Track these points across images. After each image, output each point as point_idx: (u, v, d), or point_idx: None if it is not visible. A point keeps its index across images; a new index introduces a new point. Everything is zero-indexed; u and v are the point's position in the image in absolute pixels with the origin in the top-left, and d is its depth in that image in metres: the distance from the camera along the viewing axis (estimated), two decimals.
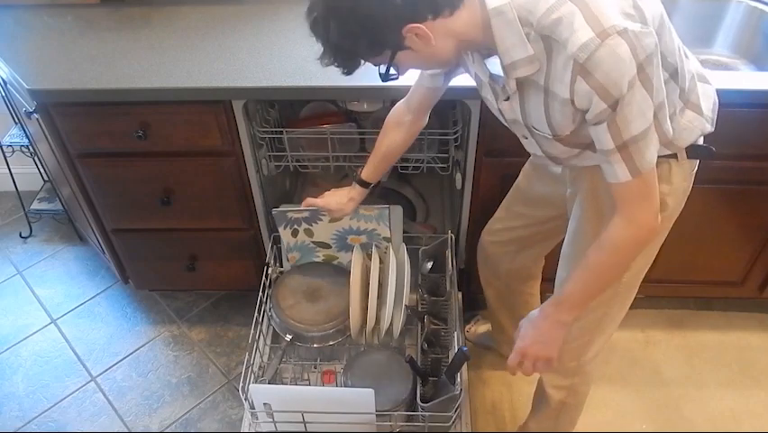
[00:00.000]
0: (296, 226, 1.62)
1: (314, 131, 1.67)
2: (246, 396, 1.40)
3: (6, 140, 2.14)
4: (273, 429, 1.46)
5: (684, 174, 1.11)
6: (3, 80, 1.65)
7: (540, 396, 1.50)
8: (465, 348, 1.40)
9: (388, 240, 1.63)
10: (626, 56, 0.85)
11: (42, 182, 2.37)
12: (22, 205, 2.32)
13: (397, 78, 1.00)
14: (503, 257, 1.56)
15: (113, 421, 1.80)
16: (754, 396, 1.81)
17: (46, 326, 2.07)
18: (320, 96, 1.55)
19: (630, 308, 1.27)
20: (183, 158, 1.60)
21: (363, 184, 1.46)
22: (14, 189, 2.28)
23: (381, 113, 1.66)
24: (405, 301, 1.59)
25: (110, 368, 1.94)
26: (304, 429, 1.45)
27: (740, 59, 1.74)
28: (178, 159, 1.60)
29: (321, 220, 1.59)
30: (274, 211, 1.60)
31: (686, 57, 1.04)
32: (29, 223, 2.39)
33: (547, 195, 1.35)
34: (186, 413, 1.81)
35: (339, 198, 1.48)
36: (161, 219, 1.74)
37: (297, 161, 1.75)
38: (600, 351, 1.34)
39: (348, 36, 0.92)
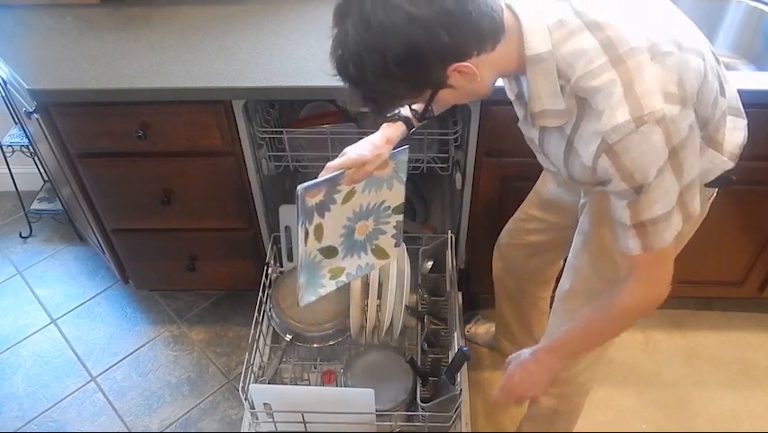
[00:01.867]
0: (307, 225, 1.35)
1: (314, 131, 1.67)
2: (246, 396, 1.40)
3: (6, 140, 2.14)
4: (273, 429, 1.46)
5: (702, 201, 1.03)
6: (3, 80, 1.65)
7: (533, 401, 1.49)
8: (465, 348, 1.40)
9: (399, 211, 1.44)
10: (658, 145, 0.81)
11: (42, 182, 2.37)
12: (22, 205, 2.32)
13: (432, 117, 0.95)
14: (517, 259, 1.55)
15: (113, 421, 1.80)
16: (754, 396, 1.81)
17: (46, 326, 2.07)
18: (320, 96, 1.55)
19: None
20: (183, 158, 1.60)
21: (409, 123, 1.17)
22: (14, 189, 2.28)
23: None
24: (405, 301, 1.59)
25: (110, 368, 1.94)
26: (304, 429, 1.46)
27: (740, 59, 1.74)
28: (178, 159, 1.60)
29: (335, 203, 1.31)
30: (284, 206, 1.53)
31: (722, 95, 0.96)
32: (29, 223, 2.39)
33: (562, 201, 1.32)
34: (186, 413, 1.81)
35: (367, 146, 1.16)
36: (161, 219, 1.74)
37: (297, 160, 1.75)
38: (594, 363, 1.31)
39: (385, 77, 0.83)
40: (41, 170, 2.30)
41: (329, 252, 1.48)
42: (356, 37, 0.80)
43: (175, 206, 1.69)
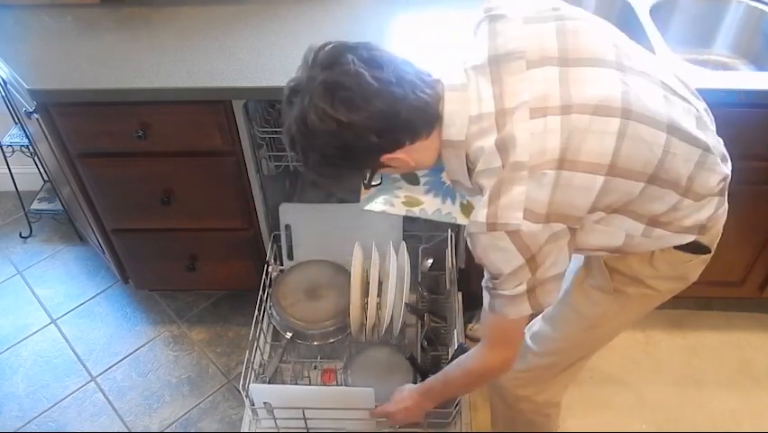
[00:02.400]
0: None
1: None
2: (247, 394, 1.40)
3: (6, 140, 2.14)
4: (274, 427, 1.46)
5: (673, 264, 1.05)
6: (3, 80, 1.65)
7: (490, 405, 1.52)
8: (465, 344, 1.40)
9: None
10: (508, 251, 0.88)
11: (42, 182, 2.37)
12: (22, 205, 2.32)
13: (380, 184, 1.08)
14: None
15: (113, 421, 1.80)
16: (754, 396, 1.81)
17: (46, 326, 2.07)
18: None
19: None
20: (183, 158, 1.60)
21: None
22: (14, 189, 2.28)
23: None
24: (405, 299, 1.59)
25: (110, 368, 1.94)
26: (305, 427, 1.46)
27: (740, 59, 1.74)
28: (178, 159, 1.60)
29: None
30: (284, 205, 1.49)
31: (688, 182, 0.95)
32: (29, 223, 2.39)
33: None
34: (186, 413, 1.81)
35: None
36: (161, 219, 1.74)
37: (297, 161, 1.74)
38: (547, 387, 1.31)
39: (326, 165, 0.93)
40: (41, 170, 2.30)
41: (411, 177, 1.43)
42: (297, 132, 0.90)
43: (175, 206, 1.69)
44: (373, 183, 1.04)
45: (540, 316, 1.27)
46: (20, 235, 2.39)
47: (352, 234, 1.80)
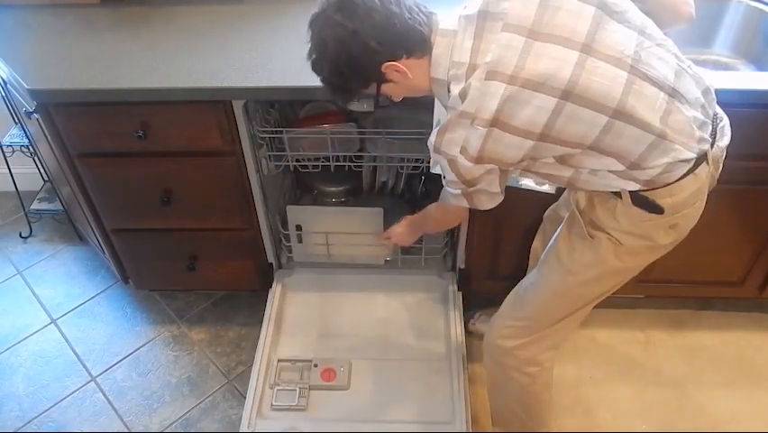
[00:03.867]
0: None
1: (314, 131, 1.67)
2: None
3: (6, 140, 2.14)
4: (302, 251, 1.89)
5: (633, 220, 1.14)
6: (3, 80, 1.65)
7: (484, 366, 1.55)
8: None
9: None
10: (453, 169, 1.09)
11: (42, 182, 2.37)
12: (23, 205, 2.32)
13: (388, 105, 1.23)
14: None
15: (113, 421, 1.80)
16: (754, 396, 1.81)
17: (46, 326, 2.07)
18: (320, 95, 1.54)
19: (630, 308, 1.28)
20: (183, 158, 1.60)
21: None
22: (14, 189, 2.28)
23: (381, 113, 1.66)
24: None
25: (110, 368, 1.94)
26: (327, 253, 1.88)
27: (740, 59, 1.74)
28: (178, 159, 1.60)
29: None
30: (291, 207, 1.67)
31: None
32: (29, 223, 2.39)
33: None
34: (186, 413, 1.81)
35: None
36: (161, 219, 1.74)
37: (298, 160, 1.75)
38: (529, 343, 1.37)
39: (338, 75, 1.09)
40: (41, 170, 2.30)
41: None
42: (314, 46, 1.08)
43: (175, 206, 1.68)
44: (381, 105, 1.18)
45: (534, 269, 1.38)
46: (20, 235, 2.39)
47: (356, 236, 1.81)
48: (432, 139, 1.10)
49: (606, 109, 1.01)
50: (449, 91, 1.07)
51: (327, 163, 1.73)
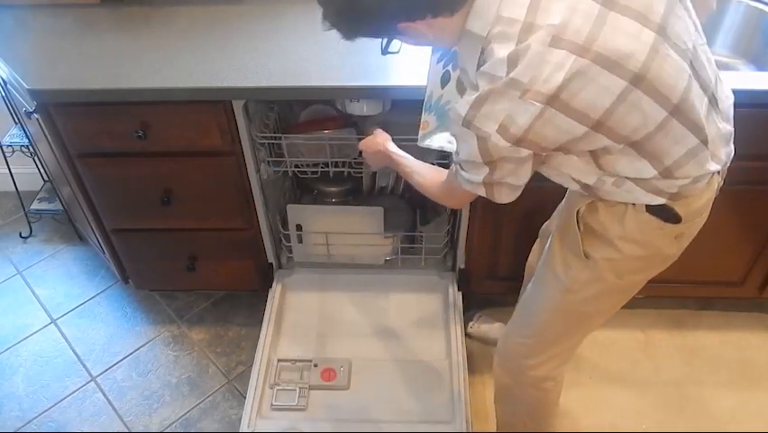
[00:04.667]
0: (450, 69, 1.27)
1: (313, 137, 1.65)
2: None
3: (6, 140, 2.14)
4: (302, 251, 1.87)
5: (641, 227, 1.06)
6: (3, 80, 1.65)
7: (493, 374, 1.51)
8: None
9: None
10: (471, 147, 0.93)
11: (42, 182, 2.37)
12: (22, 205, 2.32)
13: (397, 53, 1.06)
14: None
15: (113, 421, 1.80)
16: (754, 396, 1.81)
17: (46, 326, 2.07)
18: (320, 96, 1.55)
19: (630, 308, 1.28)
20: (183, 158, 1.60)
21: None
22: (14, 189, 2.28)
23: (381, 117, 1.66)
24: None
25: (110, 368, 1.94)
26: (327, 253, 1.86)
27: (740, 59, 1.74)
28: (178, 159, 1.60)
29: None
30: (291, 206, 1.60)
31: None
32: (29, 223, 2.39)
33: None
34: (186, 413, 1.81)
35: None
36: (161, 219, 1.74)
37: (297, 166, 1.74)
38: (546, 361, 1.32)
39: (348, 20, 0.94)
40: (41, 170, 2.30)
41: None
42: None
43: (175, 206, 1.68)
44: (390, 51, 1.04)
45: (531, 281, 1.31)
46: (20, 235, 2.39)
47: (356, 236, 1.81)
48: (461, 110, 0.91)
49: (667, 103, 0.90)
50: (482, 53, 0.92)
51: (326, 169, 1.70)
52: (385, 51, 1.04)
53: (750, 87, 1.39)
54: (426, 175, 1.26)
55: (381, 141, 1.41)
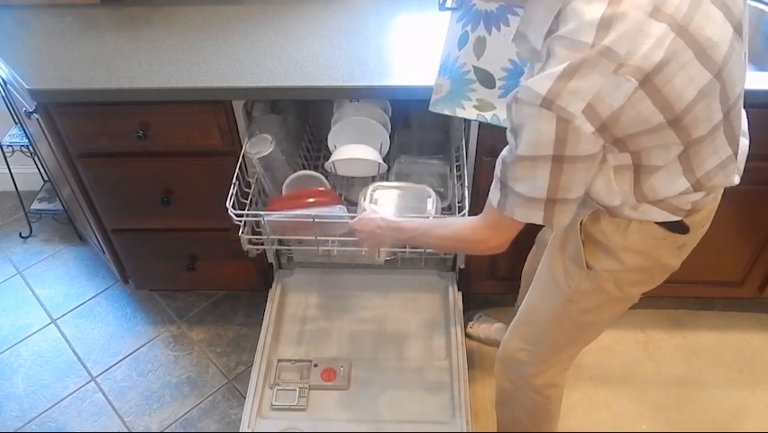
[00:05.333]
0: (469, 30, 1.17)
1: (297, 215, 1.44)
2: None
3: (6, 140, 2.14)
4: (302, 252, 1.63)
5: (644, 237, 1.03)
6: (3, 80, 1.65)
7: (495, 377, 1.50)
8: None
9: None
10: (545, 135, 0.79)
11: (42, 182, 2.37)
12: (22, 205, 2.32)
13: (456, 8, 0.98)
14: None
15: (113, 421, 1.80)
16: (754, 396, 1.81)
17: (46, 326, 2.07)
18: (320, 95, 1.54)
19: (630, 308, 1.27)
20: (183, 158, 1.60)
21: None
22: (14, 189, 2.28)
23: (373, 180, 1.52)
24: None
25: (110, 368, 1.94)
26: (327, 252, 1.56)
27: None
28: (178, 159, 1.60)
29: (508, 25, 1.13)
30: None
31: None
32: (29, 223, 2.39)
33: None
34: (186, 413, 1.81)
35: None
36: (161, 219, 1.74)
37: (280, 243, 1.66)
38: (548, 369, 1.32)
39: None
40: (41, 170, 2.30)
41: (485, 77, 1.28)
42: None
43: (175, 206, 1.69)
44: (448, 6, 0.97)
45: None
46: (20, 235, 2.39)
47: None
48: (540, 86, 0.77)
49: (726, 106, 0.82)
50: (557, 15, 0.80)
51: (312, 248, 1.50)
52: (443, 7, 0.97)
53: (750, 87, 1.38)
54: (451, 224, 1.11)
55: (377, 216, 1.25)
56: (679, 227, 1.03)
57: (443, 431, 1.56)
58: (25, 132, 2.00)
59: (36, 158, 2.18)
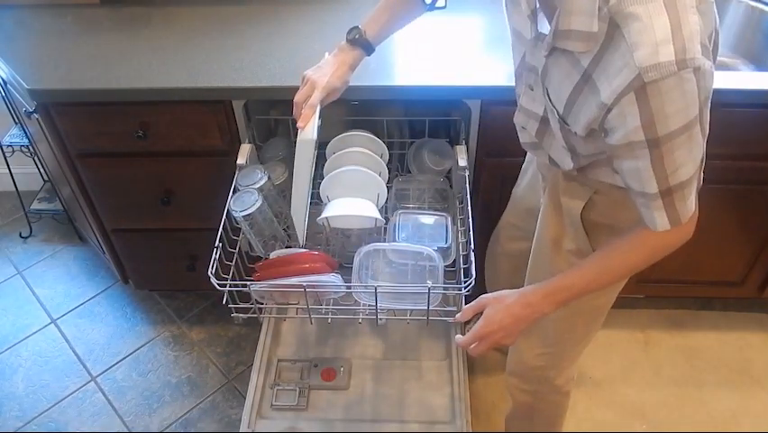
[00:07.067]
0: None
1: (286, 284, 1.28)
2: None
3: (6, 140, 2.14)
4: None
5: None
6: (3, 80, 1.65)
7: (509, 394, 1.49)
8: None
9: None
10: (690, 96, 0.75)
11: (42, 182, 2.37)
12: (22, 205, 2.32)
13: (443, 8, 0.98)
14: (502, 273, 1.56)
15: (113, 421, 1.80)
16: (754, 396, 1.81)
17: (46, 326, 2.07)
18: None
19: (630, 308, 1.27)
20: (183, 158, 1.60)
21: (367, 48, 1.19)
22: (14, 189, 2.28)
23: (370, 233, 1.42)
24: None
25: (110, 368, 1.94)
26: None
27: (740, 59, 1.74)
28: (178, 159, 1.60)
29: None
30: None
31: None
32: (29, 223, 2.39)
33: (530, 204, 1.32)
34: (186, 413, 1.81)
35: (329, 71, 1.17)
36: (161, 219, 1.74)
37: (270, 312, 1.55)
38: (569, 366, 1.33)
39: None
40: (41, 170, 2.30)
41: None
42: None
43: (175, 206, 1.68)
44: (437, 6, 0.95)
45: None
46: (20, 235, 2.39)
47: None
48: (664, 57, 0.72)
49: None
50: None
51: (305, 316, 1.31)
52: (432, 7, 0.96)
53: (750, 87, 1.39)
54: (624, 245, 0.96)
55: (503, 296, 1.04)
56: None
57: (442, 431, 1.56)
58: (25, 132, 2.00)
59: (36, 158, 2.18)
